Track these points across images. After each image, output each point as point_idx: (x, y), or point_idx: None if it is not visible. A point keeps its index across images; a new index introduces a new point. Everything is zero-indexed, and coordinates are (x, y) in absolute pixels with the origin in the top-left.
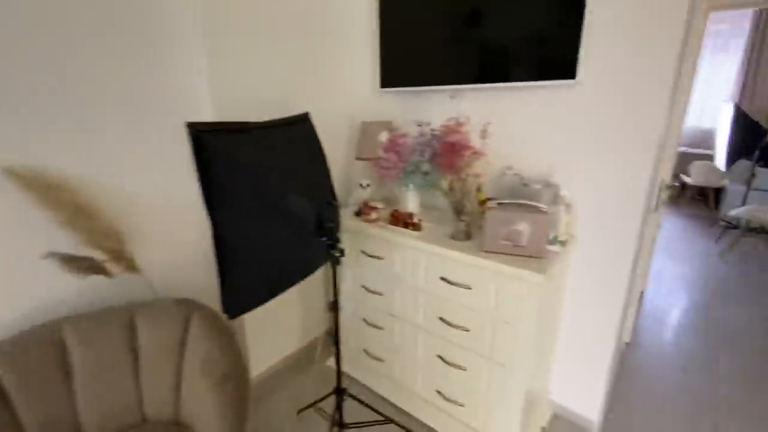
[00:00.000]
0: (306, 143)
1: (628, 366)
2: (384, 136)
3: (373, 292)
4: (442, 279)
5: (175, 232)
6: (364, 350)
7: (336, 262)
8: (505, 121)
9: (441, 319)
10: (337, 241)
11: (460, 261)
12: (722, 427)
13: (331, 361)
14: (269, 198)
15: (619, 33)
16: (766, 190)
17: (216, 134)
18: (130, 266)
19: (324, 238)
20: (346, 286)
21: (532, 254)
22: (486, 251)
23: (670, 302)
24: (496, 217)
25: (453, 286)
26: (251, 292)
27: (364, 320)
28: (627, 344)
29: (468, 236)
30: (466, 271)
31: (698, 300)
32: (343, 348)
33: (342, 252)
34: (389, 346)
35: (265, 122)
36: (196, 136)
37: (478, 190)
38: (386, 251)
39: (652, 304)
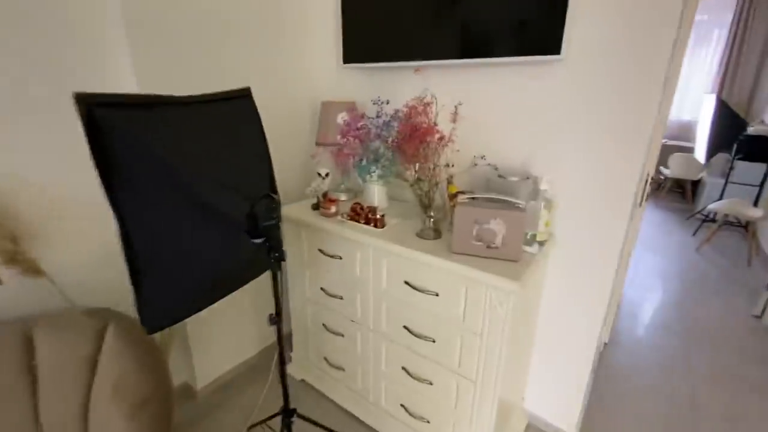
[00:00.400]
0: (243, 124)
1: (607, 367)
2: (342, 118)
3: (333, 296)
4: (407, 283)
5: (92, 229)
6: (325, 358)
7: (276, 269)
8: (479, 104)
9: (405, 327)
10: (278, 242)
11: (427, 264)
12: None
13: (291, 368)
14: (187, 190)
15: (612, 5)
16: (743, 184)
17: (116, 109)
18: (31, 270)
19: (261, 240)
20: (303, 289)
21: (506, 257)
22: (456, 252)
23: (647, 297)
24: (466, 213)
25: (418, 292)
26: (174, 302)
27: (324, 326)
28: (605, 344)
29: (437, 234)
30: (434, 275)
31: (674, 294)
32: (301, 355)
33: (282, 256)
34: (351, 355)
35: (187, 97)
36: (88, 112)
37: (449, 182)
38: (346, 250)
39: (629, 299)
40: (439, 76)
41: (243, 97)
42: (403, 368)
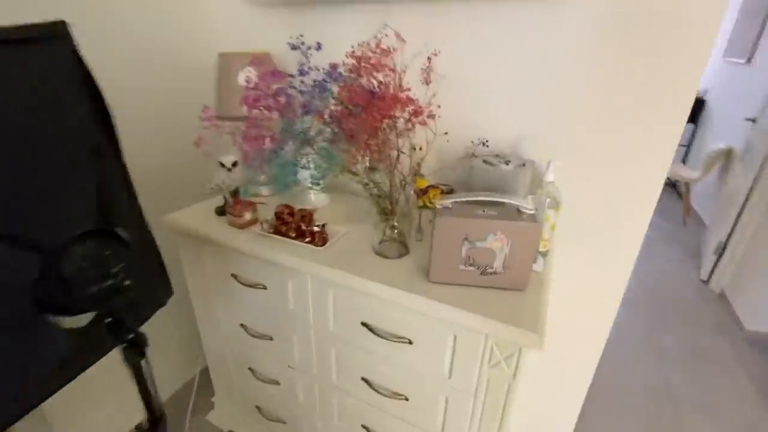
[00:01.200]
0: (48, 93)
1: None
2: (245, 77)
3: (259, 336)
4: (365, 326)
5: None
6: (258, 407)
7: (134, 359)
8: (460, 56)
9: (365, 380)
10: (128, 318)
11: (391, 300)
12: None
13: (215, 416)
14: None
15: None
16: (684, 145)
17: None
18: None
19: (88, 315)
20: (216, 323)
21: (509, 285)
22: (436, 282)
23: None
24: (451, 227)
25: (382, 339)
26: None
27: (251, 371)
28: None
29: (403, 248)
30: (404, 315)
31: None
32: (226, 401)
33: (141, 340)
34: (292, 405)
35: None
36: None
37: (416, 173)
38: (272, 277)
39: None
40: (402, 13)
41: (50, 40)
42: (365, 427)
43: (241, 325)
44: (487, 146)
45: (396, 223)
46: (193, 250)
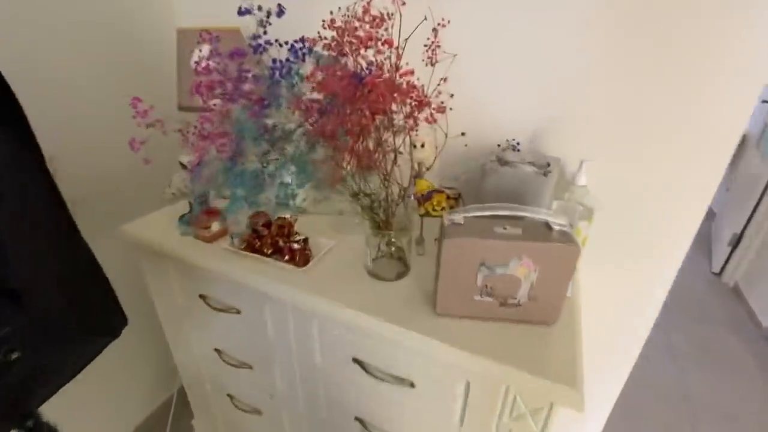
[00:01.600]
0: None
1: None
2: (197, 56)
3: (237, 365)
4: (357, 362)
5: None
6: None
7: None
8: (470, 27)
9: (360, 421)
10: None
11: (388, 336)
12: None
13: None
14: None
15: None
16: None
17: None
18: None
19: None
20: (187, 343)
21: (535, 318)
22: (443, 315)
23: None
24: (464, 249)
25: (378, 380)
26: None
27: (231, 398)
28: None
29: (402, 267)
30: (404, 352)
31: None
32: (207, 425)
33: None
34: None
35: None
36: None
37: (417, 176)
38: (246, 301)
39: None
40: None
41: None
42: None
43: (216, 349)
44: (519, 150)
45: (393, 239)
46: (156, 265)
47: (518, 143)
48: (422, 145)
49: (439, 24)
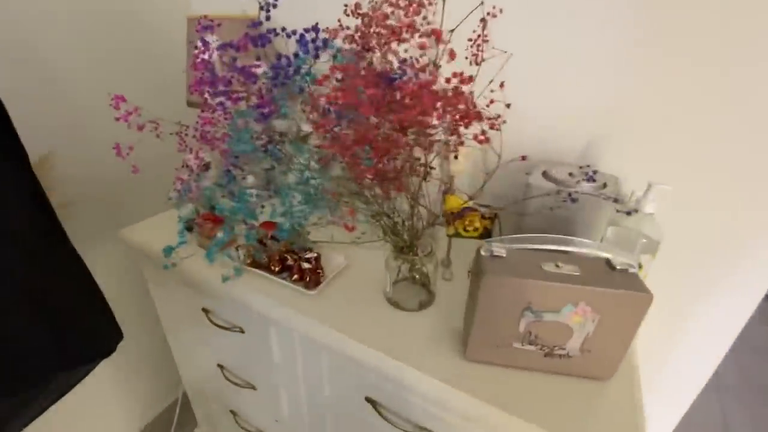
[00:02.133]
0: None
1: None
2: (198, 47)
3: (241, 384)
4: (370, 402)
5: None
6: None
7: None
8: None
9: None
10: None
11: (408, 383)
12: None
13: None
14: None
15: None
16: None
17: None
18: None
19: None
20: (190, 352)
21: (587, 373)
22: (475, 361)
23: None
24: (504, 289)
25: (393, 427)
26: None
27: (234, 414)
28: None
29: (425, 295)
30: (424, 399)
31: None
32: None
33: None
34: None
35: None
36: None
37: (446, 189)
38: (249, 320)
39: None
40: None
41: None
42: None
43: (219, 365)
44: (595, 180)
45: (418, 262)
46: (158, 272)
47: (595, 172)
48: (455, 157)
49: (489, 13)
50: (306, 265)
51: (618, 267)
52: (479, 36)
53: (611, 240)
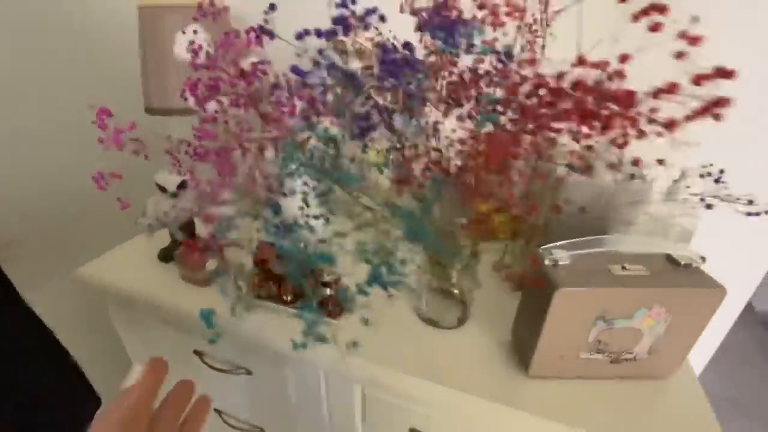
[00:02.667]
0: None
1: None
2: (186, 44)
3: (244, 429)
4: None
5: None
6: None
7: None
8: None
9: None
10: None
11: (467, 412)
12: None
13: None
14: None
15: None
16: None
17: None
18: None
19: None
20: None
21: (648, 374)
22: (539, 377)
23: None
24: (576, 301)
25: None
26: None
27: None
28: None
29: (462, 310)
30: (476, 422)
31: None
32: None
33: None
34: None
35: None
36: None
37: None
38: (258, 359)
39: None
40: None
41: None
42: None
43: (216, 410)
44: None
45: (454, 278)
46: (128, 314)
47: (722, 171)
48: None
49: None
50: (328, 292)
51: (683, 263)
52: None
53: (643, 229)
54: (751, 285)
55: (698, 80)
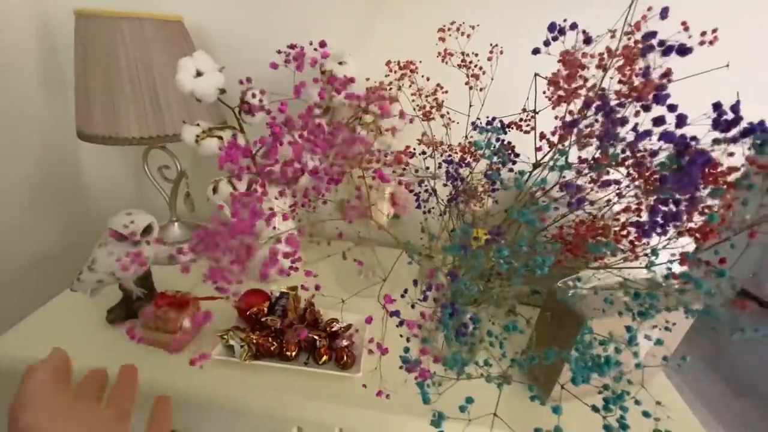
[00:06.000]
0: None
1: None
2: (190, 70)
3: None
4: None
5: None
6: None
7: None
8: None
9: None
10: None
11: None
12: None
13: None
14: None
15: None
16: None
17: None
18: None
19: None
20: None
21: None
22: (552, 401)
23: None
24: (602, 329)
25: None
26: None
27: None
28: None
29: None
30: None
31: None
32: None
33: None
34: None
35: None
36: None
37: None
38: (254, 426)
39: None
40: None
41: None
42: None
43: None
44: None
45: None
46: None
47: None
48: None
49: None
50: (344, 342)
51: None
52: None
53: None
54: None
55: None
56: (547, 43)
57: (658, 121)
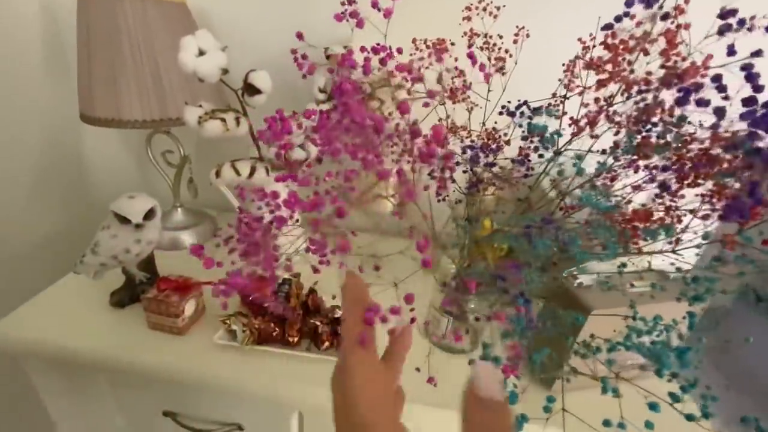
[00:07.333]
0: None
1: None
2: (192, 49)
3: None
4: None
5: None
6: None
7: None
8: None
9: None
10: None
11: None
12: None
13: None
14: None
15: None
16: None
17: None
18: None
19: None
20: None
21: None
22: (558, 391)
23: None
24: (602, 321)
25: None
26: None
27: None
28: None
29: (472, 331)
30: None
31: None
32: None
33: None
34: None
35: None
36: None
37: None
38: (252, 411)
39: None
40: None
41: None
42: None
43: None
44: None
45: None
46: (65, 382)
47: None
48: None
49: None
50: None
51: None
52: None
53: None
54: None
55: None
56: (618, 19)
57: (749, 101)
